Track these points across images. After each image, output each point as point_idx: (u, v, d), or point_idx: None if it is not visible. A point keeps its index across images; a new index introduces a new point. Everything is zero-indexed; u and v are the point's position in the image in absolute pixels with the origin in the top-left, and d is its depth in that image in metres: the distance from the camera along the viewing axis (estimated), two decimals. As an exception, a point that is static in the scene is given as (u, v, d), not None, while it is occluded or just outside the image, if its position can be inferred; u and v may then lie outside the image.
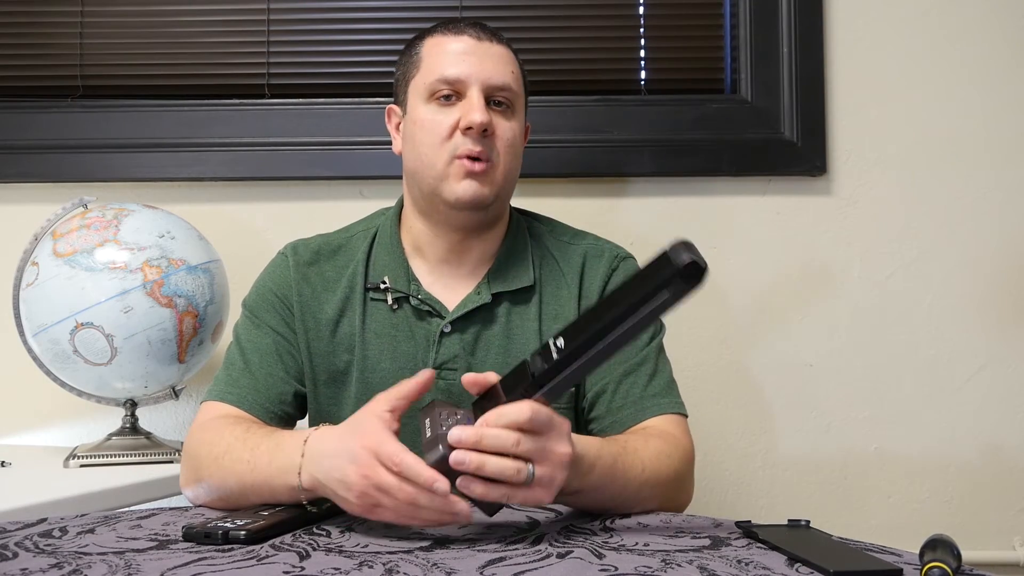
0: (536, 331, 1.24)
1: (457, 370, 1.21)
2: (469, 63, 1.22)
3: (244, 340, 1.25)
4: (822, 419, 1.78)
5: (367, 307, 1.25)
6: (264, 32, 1.80)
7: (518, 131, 1.26)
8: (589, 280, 1.28)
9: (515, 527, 0.94)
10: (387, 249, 1.29)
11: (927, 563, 0.74)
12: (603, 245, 1.32)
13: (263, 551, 0.84)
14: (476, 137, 1.20)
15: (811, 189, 1.79)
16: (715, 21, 1.82)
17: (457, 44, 1.23)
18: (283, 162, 1.77)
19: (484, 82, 1.21)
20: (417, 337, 1.24)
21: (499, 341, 1.24)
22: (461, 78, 1.21)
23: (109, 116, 1.78)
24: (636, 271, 0.97)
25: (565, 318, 1.25)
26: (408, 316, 1.25)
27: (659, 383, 1.22)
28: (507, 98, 1.24)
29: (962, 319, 1.79)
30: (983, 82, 1.79)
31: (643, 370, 1.22)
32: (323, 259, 1.29)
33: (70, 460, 1.48)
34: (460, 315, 1.23)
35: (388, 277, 1.26)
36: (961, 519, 1.77)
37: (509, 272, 1.27)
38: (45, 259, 1.45)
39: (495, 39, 1.26)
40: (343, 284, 1.27)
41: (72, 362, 1.45)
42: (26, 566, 0.79)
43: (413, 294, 1.24)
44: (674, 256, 0.81)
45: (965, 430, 1.78)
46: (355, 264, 1.28)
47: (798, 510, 1.70)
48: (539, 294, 1.27)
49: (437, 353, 1.22)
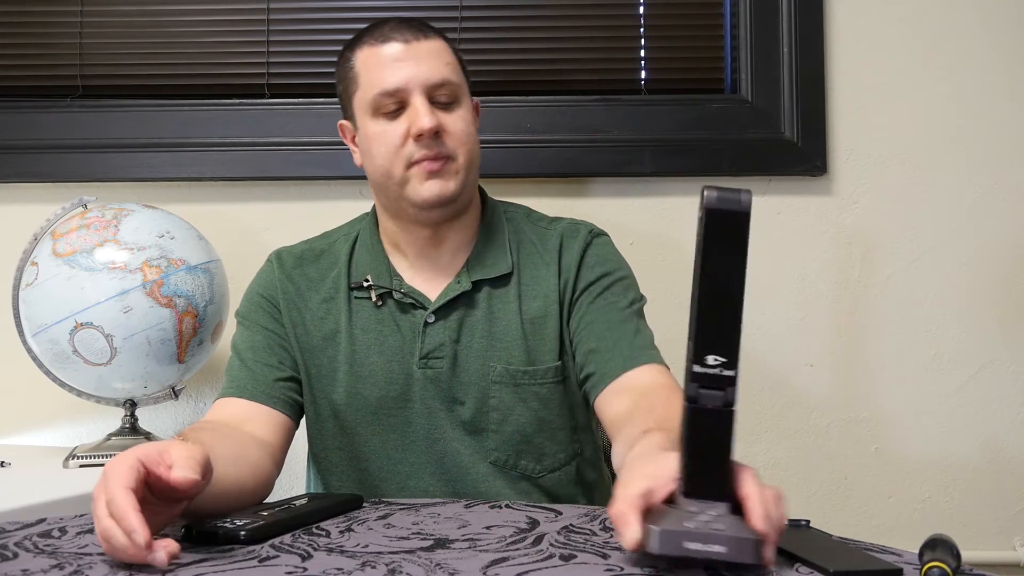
0: (517, 311, 1.27)
1: (443, 358, 1.25)
2: (404, 70, 1.22)
3: (240, 344, 1.29)
4: (822, 419, 1.78)
5: (352, 305, 1.28)
6: (264, 32, 1.80)
7: (468, 118, 1.27)
8: (567, 258, 1.30)
9: (514, 527, 0.94)
10: (368, 249, 1.32)
11: (927, 563, 0.74)
12: (578, 224, 1.35)
13: (264, 551, 0.84)
14: (428, 141, 1.21)
15: (811, 189, 1.79)
16: (715, 21, 1.82)
17: (388, 52, 1.24)
18: (283, 162, 1.77)
19: (423, 84, 1.22)
20: (403, 330, 1.26)
21: (482, 326, 1.27)
22: (400, 87, 1.22)
23: (109, 116, 1.78)
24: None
25: (545, 296, 1.28)
26: (392, 311, 1.28)
27: (644, 340, 1.25)
28: (449, 92, 1.24)
29: (962, 319, 1.79)
30: (983, 81, 1.79)
31: (628, 327, 1.25)
32: (307, 263, 1.33)
33: (70, 460, 1.48)
34: (442, 304, 1.26)
35: (371, 275, 1.28)
36: (961, 519, 1.77)
37: (487, 259, 1.30)
38: (45, 259, 1.45)
39: (423, 35, 1.26)
40: (327, 285, 1.30)
41: (72, 362, 1.45)
42: (27, 566, 0.79)
43: (396, 288, 1.27)
44: (704, 202, 0.76)
45: (965, 430, 1.78)
46: (338, 266, 1.31)
47: (798, 510, 1.70)
48: (518, 275, 1.29)
49: (423, 343, 1.25)
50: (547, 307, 1.28)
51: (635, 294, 1.30)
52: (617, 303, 1.27)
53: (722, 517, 0.75)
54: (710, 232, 0.75)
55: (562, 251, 1.31)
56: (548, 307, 1.28)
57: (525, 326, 1.27)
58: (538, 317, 1.28)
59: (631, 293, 1.29)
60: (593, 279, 1.29)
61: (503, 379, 1.25)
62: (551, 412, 1.27)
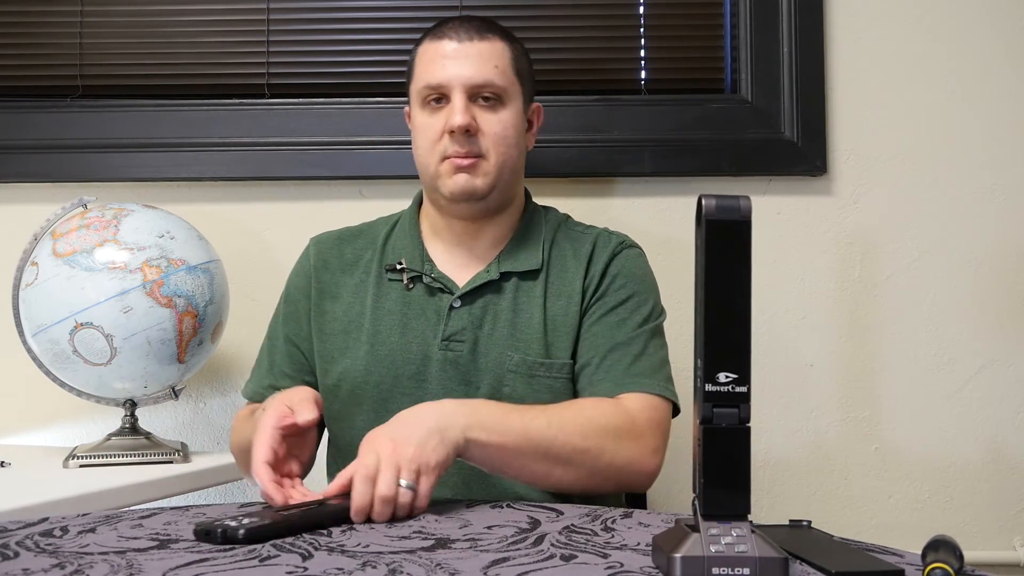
0: (541, 306, 1.30)
1: (464, 342, 1.28)
2: (450, 67, 1.28)
3: (271, 332, 1.40)
4: (822, 419, 1.78)
5: (382, 287, 1.32)
6: (264, 32, 1.80)
7: (511, 122, 1.30)
8: (595, 261, 1.33)
9: (515, 527, 0.94)
10: (406, 233, 1.37)
11: (929, 564, 0.74)
12: (612, 234, 1.39)
13: (265, 551, 0.84)
14: (460, 138, 1.27)
15: (811, 189, 1.79)
16: (715, 21, 1.82)
17: (441, 48, 1.30)
18: (283, 162, 1.77)
19: (465, 83, 1.28)
20: (427, 313, 1.30)
21: (506, 315, 1.29)
22: (443, 83, 1.28)
23: (109, 116, 1.77)
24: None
25: (569, 295, 1.31)
26: (420, 294, 1.31)
27: (645, 364, 1.25)
28: (493, 93, 1.29)
29: (962, 319, 1.78)
30: (984, 81, 1.79)
31: (629, 350, 1.26)
32: (344, 242, 1.39)
33: (70, 460, 1.48)
34: (469, 290, 1.30)
35: (404, 258, 1.33)
36: (961, 519, 1.77)
37: (520, 253, 1.33)
38: (45, 259, 1.45)
39: (480, 35, 1.30)
40: (360, 266, 1.36)
41: (72, 362, 1.45)
42: (28, 566, 0.79)
43: (427, 273, 1.31)
44: (703, 213, 0.75)
45: (966, 430, 1.78)
46: (375, 247, 1.37)
47: (799, 511, 1.70)
48: (546, 273, 1.32)
49: (446, 326, 1.28)
50: (569, 307, 1.30)
51: (650, 311, 1.31)
52: (628, 320, 1.29)
53: (745, 538, 0.74)
54: (711, 243, 0.74)
55: (592, 256, 1.34)
56: (570, 307, 1.30)
57: (547, 322, 1.29)
58: (560, 315, 1.30)
59: (645, 310, 1.31)
60: (611, 289, 1.31)
61: (519, 369, 1.27)
62: None
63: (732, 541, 0.73)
